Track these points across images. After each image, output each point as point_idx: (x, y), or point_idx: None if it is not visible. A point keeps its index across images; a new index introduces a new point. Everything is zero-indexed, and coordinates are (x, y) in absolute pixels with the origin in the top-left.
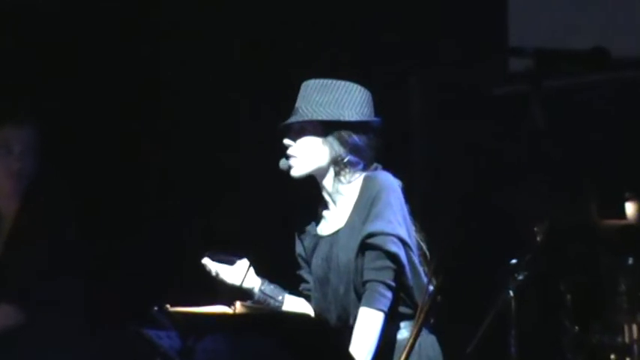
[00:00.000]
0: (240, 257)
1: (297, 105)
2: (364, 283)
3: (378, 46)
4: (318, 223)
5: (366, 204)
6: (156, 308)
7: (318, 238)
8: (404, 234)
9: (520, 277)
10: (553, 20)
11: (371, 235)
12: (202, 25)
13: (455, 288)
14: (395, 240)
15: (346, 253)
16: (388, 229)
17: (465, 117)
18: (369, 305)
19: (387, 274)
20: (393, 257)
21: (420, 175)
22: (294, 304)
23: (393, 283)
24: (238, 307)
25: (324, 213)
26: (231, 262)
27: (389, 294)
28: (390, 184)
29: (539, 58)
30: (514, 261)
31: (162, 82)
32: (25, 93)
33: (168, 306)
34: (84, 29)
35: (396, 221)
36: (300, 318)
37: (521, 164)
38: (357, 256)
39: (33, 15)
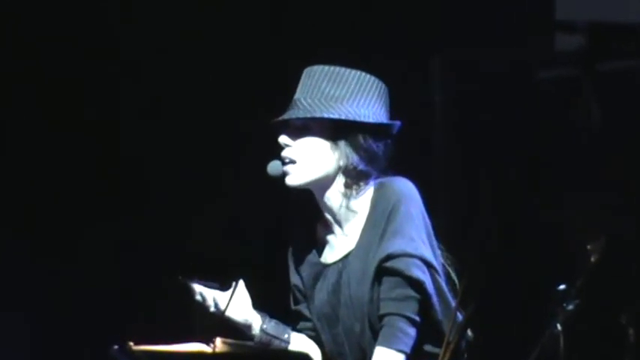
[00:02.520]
0: (222, 285)
1: (297, 96)
2: (381, 317)
3: (392, 23)
4: (320, 249)
5: (381, 218)
6: (116, 347)
7: (322, 266)
8: (429, 255)
9: (570, 307)
10: None
11: (389, 258)
12: (202, 25)
13: (489, 319)
14: (419, 263)
15: (360, 283)
16: (410, 248)
17: (500, 109)
18: (387, 345)
19: (410, 306)
20: (416, 285)
21: (444, 182)
22: (302, 345)
23: (416, 318)
24: (219, 344)
25: (328, 237)
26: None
27: (412, 331)
28: (409, 192)
29: (592, 35)
30: (562, 286)
31: (143, 84)
32: None
33: (131, 344)
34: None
35: (420, 239)
36: (296, 357)
37: (572, 167)
38: (372, 284)
39: None
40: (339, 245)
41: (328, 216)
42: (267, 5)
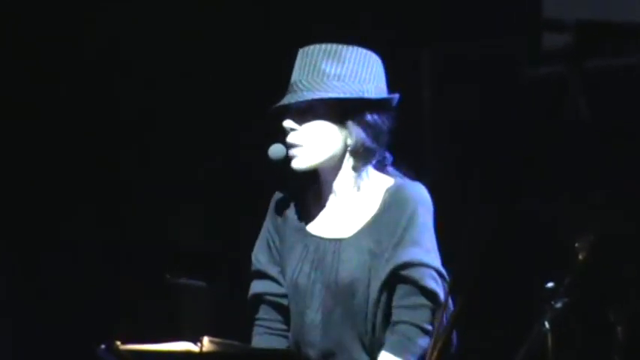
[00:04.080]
0: (208, 283)
1: (296, 78)
2: (394, 324)
3: (380, 17)
4: (307, 218)
5: (397, 223)
6: (103, 346)
7: (306, 235)
8: (441, 266)
9: (558, 305)
10: None
11: (406, 266)
12: (202, 25)
13: (477, 317)
14: (434, 275)
15: (350, 272)
16: (427, 259)
17: (488, 105)
18: (393, 352)
19: (424, 315)
20: (430, 295)
21: (432, 176)
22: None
23: (429, 327)
24: (206, 343)
25: (320, 209)
26: (196, 287)
27: (422, 341)
28: (426, 200)
29: (580, 33)
30: (551, 284)
31: (143, 84)
32: None
33: (118, 343)
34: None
35: (434, 250)
36: (284, 357)
37: (561, 164)
38: (382, 288)
39: None
40: (331, 223)
41: (330, 194)
42: (266, 4)
